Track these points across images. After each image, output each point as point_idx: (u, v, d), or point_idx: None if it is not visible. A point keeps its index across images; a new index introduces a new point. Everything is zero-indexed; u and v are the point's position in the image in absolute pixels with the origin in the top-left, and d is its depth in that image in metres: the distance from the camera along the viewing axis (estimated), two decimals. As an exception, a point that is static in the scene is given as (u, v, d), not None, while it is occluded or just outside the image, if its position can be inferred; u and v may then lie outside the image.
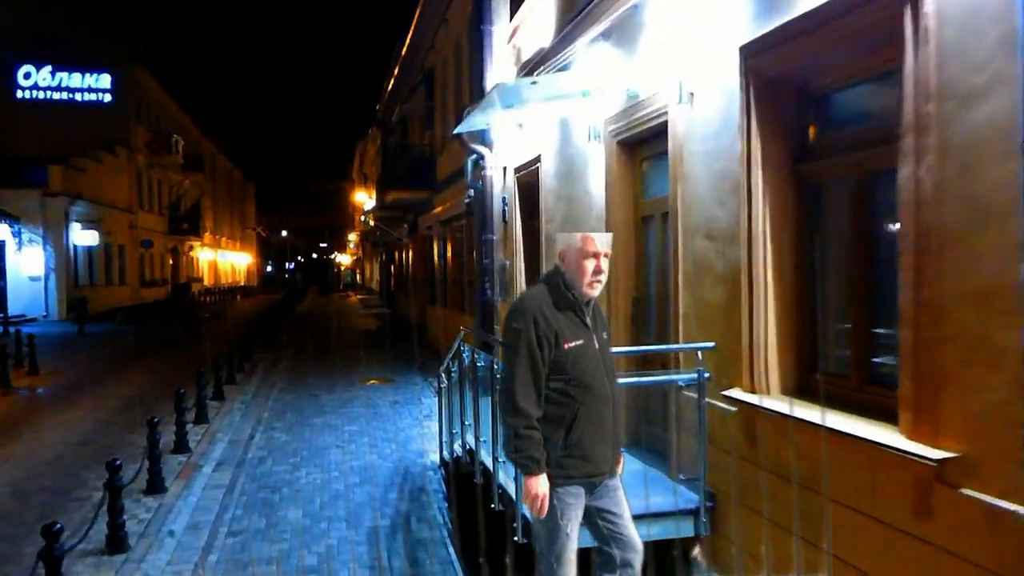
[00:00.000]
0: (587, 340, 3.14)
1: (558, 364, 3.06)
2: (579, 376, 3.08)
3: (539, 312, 3.08)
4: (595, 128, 6.50)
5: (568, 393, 3.07)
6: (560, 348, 3.05)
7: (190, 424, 9.43)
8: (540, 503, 3.03)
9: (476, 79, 11.55)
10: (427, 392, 11.49)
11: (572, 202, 7.27)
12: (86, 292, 26.30)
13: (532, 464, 3.01)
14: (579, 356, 3.09)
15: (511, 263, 9.74)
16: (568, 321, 3.12)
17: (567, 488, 3.09)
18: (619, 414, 3.29)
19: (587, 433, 3.09)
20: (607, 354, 3.30)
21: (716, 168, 4.54)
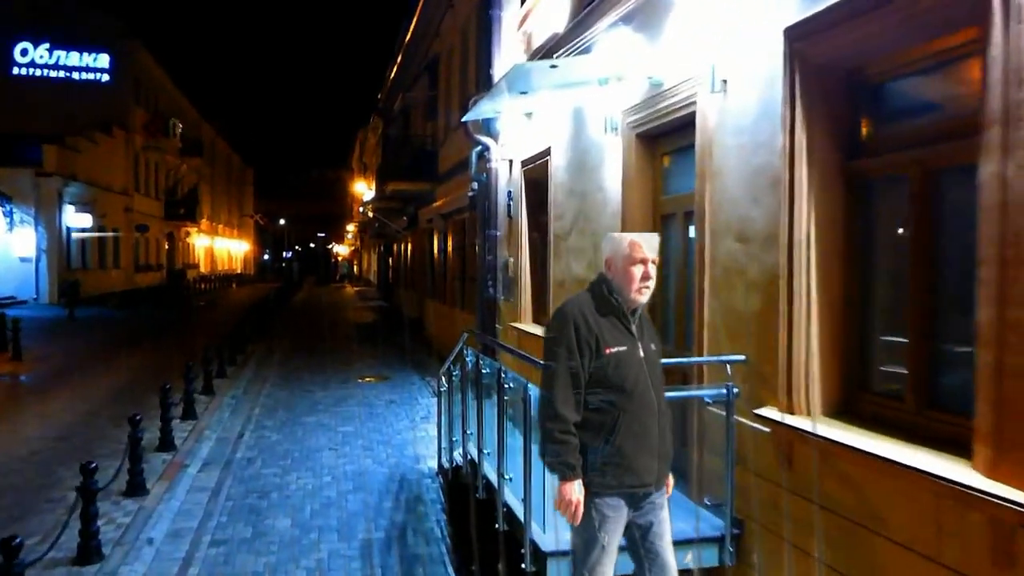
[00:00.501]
0: (631, 347, 3.04)
1: (599, 370, 2.97)
2: (620, 383, 2.98)
3: (580, 316, 3.01)
4: (612, 119, 6.09)
5: (608, 399, 2.97)
6: (601, 353, 2.96)
7: (177, 420, 9.03)
8: (574, 510, 2.92)
9: (483, 68, 11.11)
10: (424, 392, 11.09)
11: (585, 198, 6.86)
12: (78, 276, 25.85)
13: (567, 470, 2.91)
14: (620, 362, 3.00)
15: (515, 261, 9.33)
16: (611, 327, 3.03)
17: (605, 499, 2.98)
18: (668, 427, 3.14)
19: (628, 442, 2.98)
20: (655, 365, 3.16)
21: (752, 163, 4.13)
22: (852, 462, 3.31)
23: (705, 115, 4.61)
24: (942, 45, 3.10)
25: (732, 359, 4.18)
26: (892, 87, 3.55)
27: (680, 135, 5.26)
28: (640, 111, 5.56)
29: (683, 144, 5.25)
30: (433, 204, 15.93)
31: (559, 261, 7.59)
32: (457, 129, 13.82)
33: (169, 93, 40.26)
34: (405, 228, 21.88)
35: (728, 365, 4.15)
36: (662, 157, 5.67)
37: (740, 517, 4.12)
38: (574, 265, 7.14)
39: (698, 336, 4.67)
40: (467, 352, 6.07)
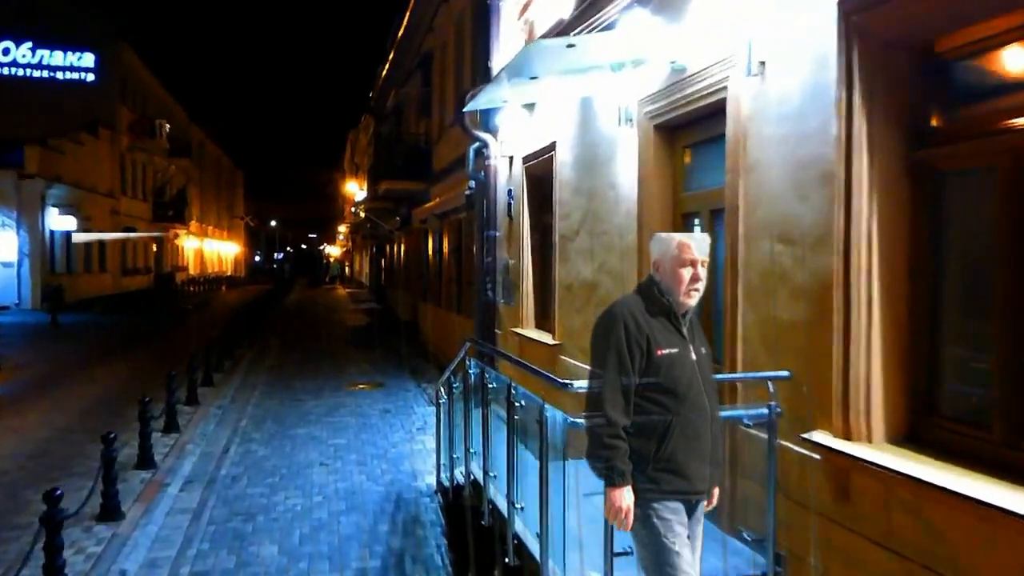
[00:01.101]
0: (683, 349, 2.92)
1: (650, 372, 2.85)
2: (673, 385, 2.86)
3: (630, 317, 2.89)
4: (626, 110, 5.61)
5: (661, 403, 2.86)
6: (652, 355, 2.85)
7: (159, 433, 8.51)
8: (623, 517, 2.80)
9: (480, 61, 10.63)
10: (420, 400, 10.59)
11: (594, 196, 6.38)
12: (63, 280, 25.20)
13: (616, 475, 2.79)
14: (673, 364, 2.88)
15: (516, 263, 8.85)
16: (662, 328, 2.92)
17: (664, 503, 2.86)
18: (719, 433, 3.02)
19: (681, 446, 2.86)
20: (707, 369, 3.02)
21: (797, 155, 3.66)
22: (924, 497, 2.85)
23: (738, 102, 4.14)
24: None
25: (774, 375, 3.70)
26: (970, 65, 3.08)
27: (706, 125, 4.79)
28: (659, 100, 5.08)
29: (709, 135, 4.78)
30: (427, 204, 15.43)
31: (565, 264, 7.11)
32: (452, 126, 13.33)
33: (157, 94, 39.58)
34: (398, 229, 21.36)
35: (770, 383, 3.67)
36: (683, 150, 5.20)
37: (784, 553, 3.65)
38: (582, 268, 6.66)
39: (729, 349, 4.20)
40: (470, 363, 5.57)
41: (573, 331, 6.91)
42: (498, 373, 4.94)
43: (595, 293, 6.35)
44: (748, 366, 4.04)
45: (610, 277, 6.03)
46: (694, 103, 4.67)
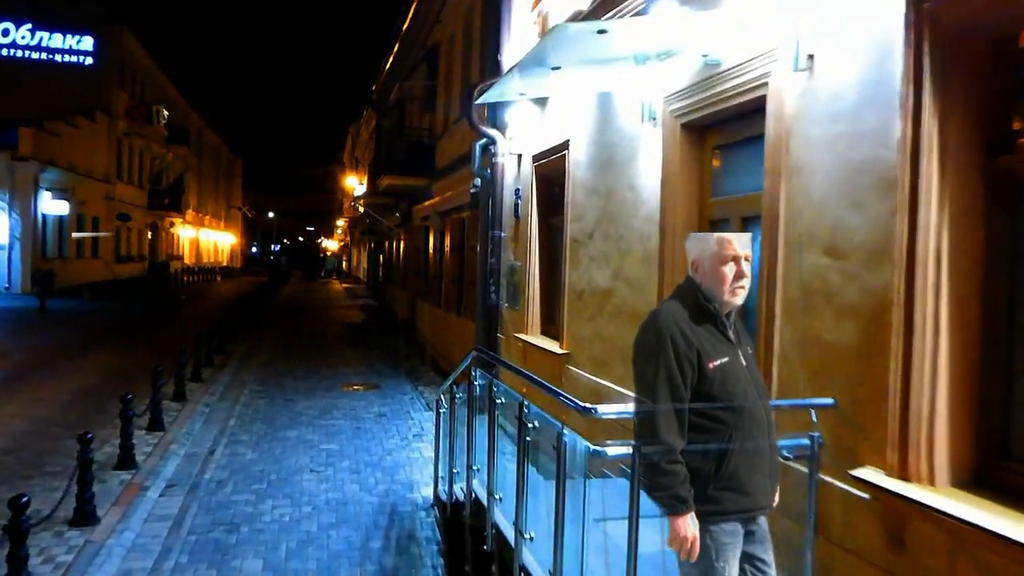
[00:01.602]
0: (732, 357, 2.72)
1: (703, 387, 2.65)
2: (728, 398, 2.66)
3: (676, 329, 2.65)
4: (650, 107, 5.25)
5: (718, 418, 2.65)
6: (704, 368, 2.64)
7: (142, 431, 8.12)
8: (689, 546, 2.59)
9: (490, 54, 10.25)
10: (417, 404, 10.21)
11: (611, 198, 6.02)
12: (55, 265, 24.75)
13: (679, 504, 2.58)
14: (726, 375, 2.67)
15: (523, 265, 8.48)
16: (710, 336, 2.70)
17: (721, 526, 2.67)
18: (775, 438, 2.82)
19: (743, 462, 2.67)
20: (755, 370, 2.84)
21: (850, 159, 3.30)
22: (997, 552, 2.50)
23: (781, 99, 3.77)
24: None
25: (817, 402, 3.35)
26: (1063, 61, 2.73)
27: (740, 125, 4.43)
28: (687, 97, 4.72)
29: (744, 136, 4.43)
30: (429, 201, 15.05)
31: (577, 268, 6.74)
32: (458, 122, 12.95)
33: (156, 80, 39.07)
34: (398, 225, 20.97)
35: (812, 410, 3.31)
36: (713, 152, 4.83)
37: (822, 601, 3.29)
38: (596, 273, 6.30)
39: (763, 370, 3.83)
40: (476, 374, 5.20)
41: (583, 340, 6.54)
42: (508, 387, 4.56)
43: (609, 301, 5.98)
44: (785, 389, 3.67)
45: (627, 285, 5.66)
46: (728, 100, 4.31)
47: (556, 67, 4.49)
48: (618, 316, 5.82)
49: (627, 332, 5.65)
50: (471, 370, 5.34)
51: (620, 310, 5.80)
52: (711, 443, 2.64)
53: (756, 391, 2.74)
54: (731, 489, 2.67)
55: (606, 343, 6.06)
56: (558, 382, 6.92)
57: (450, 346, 12.50)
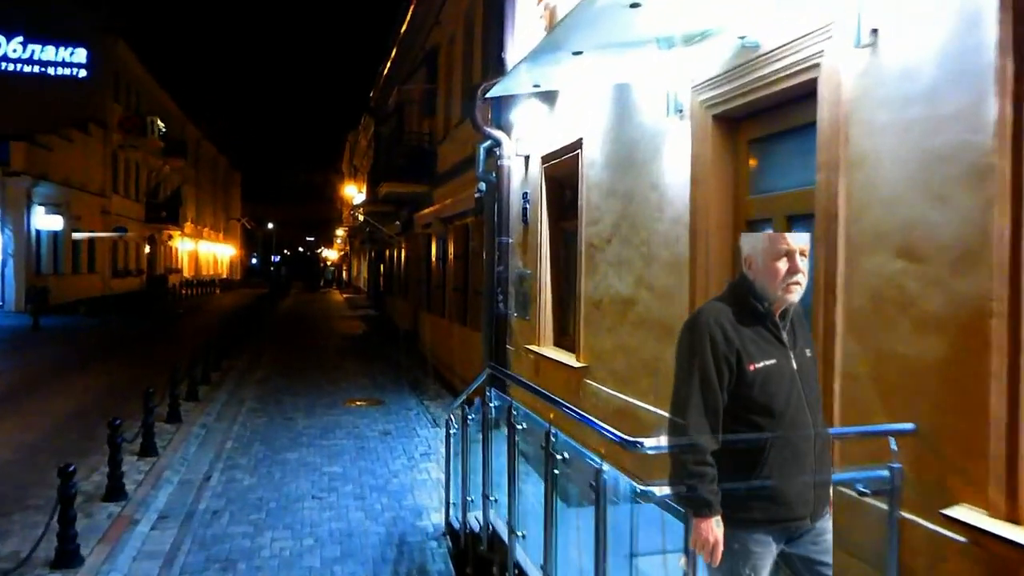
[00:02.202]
0: (781, 360, 2.58)
1: (742, 389, 2.54)
2: (768, 402, 2.54)
3: (717, 328, 2.56)
4: (675, 98, 4.81)
5: (755, 423, 2.54)
6: (744, 371, 2.53)
7: (133, 457, 7.66)
8: (711, 549, 2.50)
9: (493, 53, 9.85)
10: (423, 421, 9.74)
11: (631, 200, 5.56)
12: (49, 281, 24.32)
13: (703, 507, 2.49)
14: (768, 379, 2.55)
15: (533, 273, 8.02)
16: (756, 337, 2.58)
17: (750, 535, 2.56)
18: (826, 447, 2.67)
19: (778, 470, 2.54)
20: (809, 374, 2.66)
21: (929, 146, 2.85)
22: None
23: (837, 81, 3.32)
24: None
25: (894, 428, 2.89)
26: None
27: (784, 114, 3.98)
28: (720, 85, 4.28)
29: (789, 126, 3.98)
30: (431, 207, 14.60)
31: (594, 276, 6.29)
32: (460, 125, 12.53)
33: (151, 92, 38.70)
34: (398, 233, 20.52)
35: (892, 438, 2.85)
36: (749, 145, 4.38)
37: (909, 662, 2.83)
38: (615, 281, 5.84)
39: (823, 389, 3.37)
40: (491, 394, 4.74)
41: (602, 353, 6.08)
42: (529, 411, 4.10)
43: (631, 310, 5.53)
44: (851, 412, 3.22)
45: (652, 293, 5.20)
46: (769, 87, 3.87)
47: (578, 52, 4.06)
48: (642, 326, 5.36)
49: (652, 344, 5.20)
50: (485, 389, 4.87)
51: (644, 320, 5.34)
52: (747, 447, 2.53)
53: (804, 398, 2.58)
54: (763, 497, 2.56)
55: (629, 356, 5.60)
56: (575, 397, 6.47)
57: (455, 358, 12.04)
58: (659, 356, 5.08)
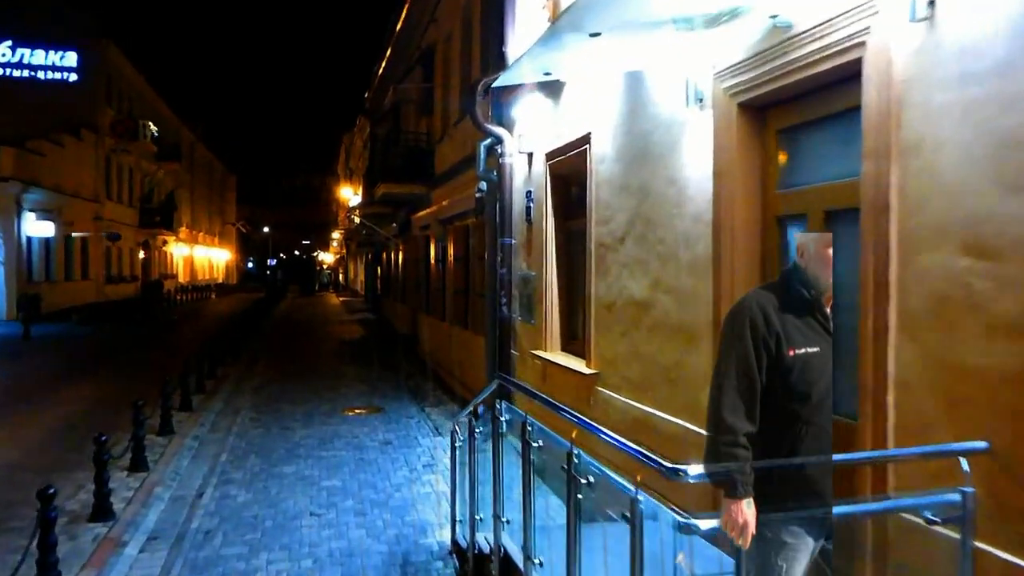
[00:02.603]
0: (824, 348, 2.57)
1: (781, 374, 2.54)
2: (806, 389, 2.54)
3: (759, 312, 2.57)
4: (696, 86, 4.49)
5: (791, 410, 2.54)
6: (783, 355, 2.53)
7: (123, 473, 7.32)
8: (741, 531, 2.43)
9: (493, 48, 9.52)
10: (424, 429, 9.40)
11: (646, 196, 5.24)
12: (41, 288, 23.91)
13: (734, 488, 2.45)
14: (808, 366, 2.54)
15: (538, 275, 7.70)
16: (800, 324, 2.57)
17: (784, 524, 2.54)
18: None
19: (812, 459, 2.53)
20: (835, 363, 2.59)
21: (1000, 128, 2.54)
22: None
23: (887, 60, 3.00)
24: None
25: (965, 448, 2.57)
26: None
27: (819, 100, 3.66)
28: (746, 70, 3.96)
29: (824, 112, 3.66)
30: (429, 208, 14.27)
31: (605, 277, 5.96)
32: (458, 123, 12.20)
33: (144, 95, 38.29)
34: (396, 235, 20.18)
35: (963, 459, 2.53)
36: (778, 135, 4.06)
37: None
38: (629, 283, 5.51)
39: (872, 401, 3.05)
40: (501, 407, 4.40)
41: (616, 359, 5.75)
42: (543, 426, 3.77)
43: (648, 314, 5.20)
44: (908, 427, 2.89)
45: (670, 296, 4.87)
46: (803, 71, 3.55)
47: (595, 33, 3.73)
48: (659, 331, 5.04)
49: (672, 350, 4.88)
50: (494, 401, 4.53)
51: (662, 324, 5.02)
52: (782, 433, 2.54)
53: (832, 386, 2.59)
54: (798, 488, 2.56)
55: (645, 362, 5.27)
56: (585, 406, 6.15)
57: (456, 362, 11.70)
58: (679, 363, 4.76)
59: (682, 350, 4.73)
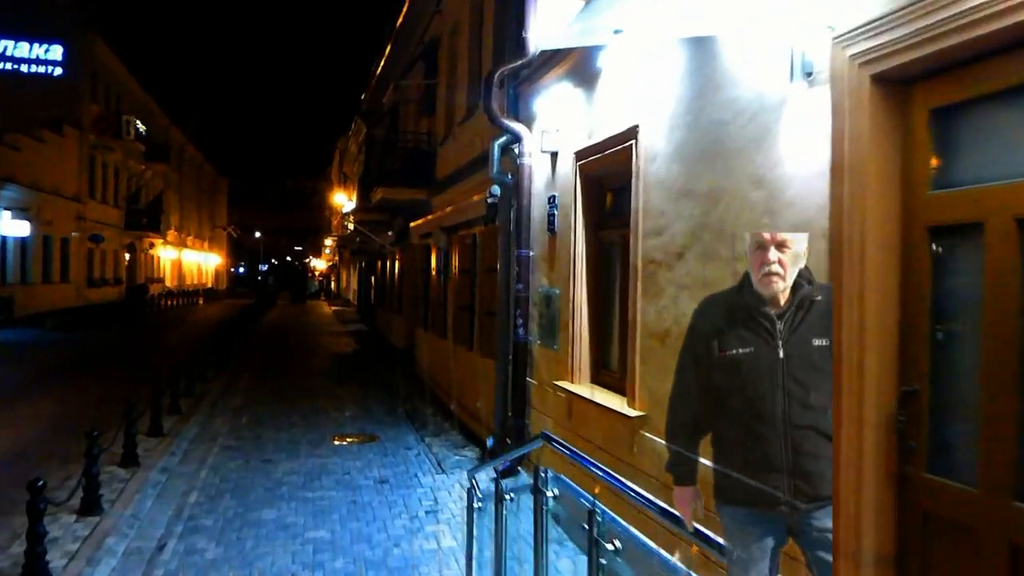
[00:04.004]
0: (761, 348, 2.58)
1: (714, 374, 2.68)
2: (739, 389, 2.62)
3: (700, 316, 2.86)
4: (803, 56, 3.44)
5: (730, 407, 2.65)
6: (714, 356, 2.66)
7: (71, 517, 6.20)
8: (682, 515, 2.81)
9: (511, 34, 8.47)
10: (424, 464, 8.28)
11: (717, 202, 4.19)
12: (16, 291, 22.69)
13: (676, 478, 2.86)
14: (739, 365, 2.61)
15: (563, 293, 6.64)
16: (738, 325, 2.64)
17: (731, 513, 2.71)
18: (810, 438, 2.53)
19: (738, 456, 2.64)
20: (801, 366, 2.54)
21: None
22: None
23: None
24: None
25: None
26: None
27: (999, 66, 2.62)
28: (888, 29, 2.93)
29: (1006, 84, 2.62)
30: (430, 215, 13.20)
31: (656, 300, 4.90)
32: (465, 122, 11.16)
33: (133, 93, 37.09)
34: (392, 243, 19.08)
35: None
36: (931, 116, 3.01)
37: None
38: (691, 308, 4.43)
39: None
40: (546, 476, 3.31)
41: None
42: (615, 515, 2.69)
43: (721, 349, 4.12)
44: None
45: (759, 327, 3.80)
46: (974, 28, 2.53)
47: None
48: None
49: (755, 396, 3.81)
50: (538, 472, 3.43)
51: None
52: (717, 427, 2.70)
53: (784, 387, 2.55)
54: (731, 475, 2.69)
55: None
56: (626, 452, 5.08)
57: (458, 385, 10.60)
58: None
59: (773, 399, 3.66)
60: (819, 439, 2.56)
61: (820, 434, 2.56)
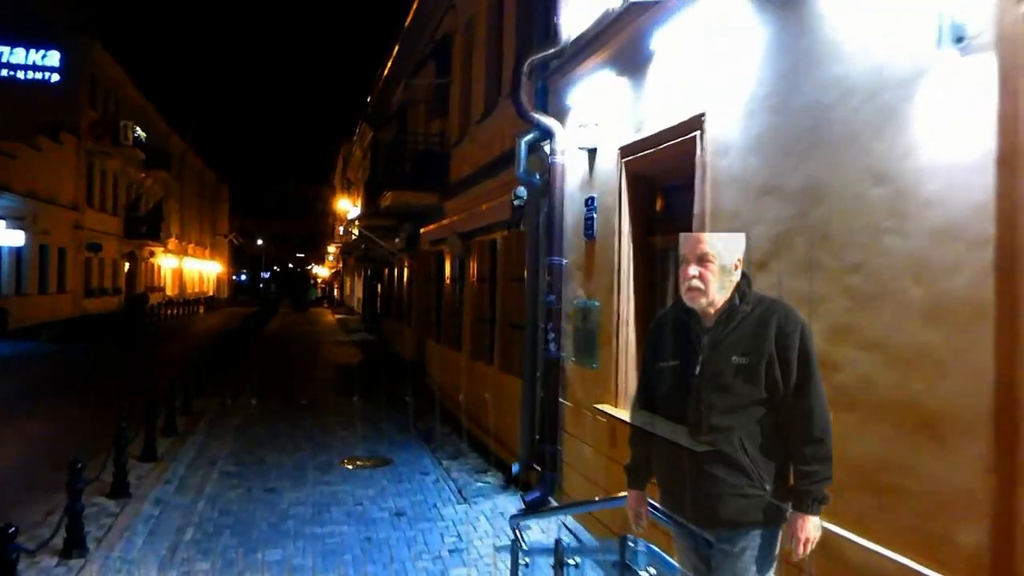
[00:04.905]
0: (685, 360, 2.67)
1: (654, 385, 2.82)
2: (664, 400, 2.73)
3: (657, 324, 2.92)
4: (952, 18, 2.74)
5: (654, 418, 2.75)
6: (654, 367, 2.83)
7: (52, 561, 5.49)
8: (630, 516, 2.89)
9: (539, 21, 7.81)
10: (445, 493, 7.55)
11: (819, 201, 3.48)
12: (10, 303, 21.98)
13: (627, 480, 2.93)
14: (663, 376, 2.75)
15: (603, 306, 5.93)
16: (676, 337, 2.73)
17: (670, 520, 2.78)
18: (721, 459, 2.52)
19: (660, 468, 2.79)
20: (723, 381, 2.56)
21: None
22: None
23: None
24: None
25: None
26: None
27: None
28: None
29: None
30: (442, 220, 12.49)
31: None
32: (482, 121, 10.48)
33: (132, 100, 36.44)
34: (401, 250, 18.37)
35: None
36: None
37: None
38: (782, 328, 3.72)
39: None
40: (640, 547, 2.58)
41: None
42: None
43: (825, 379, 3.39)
44: None
45: (878, 355, 3.11)
46: None
47: None
48: (851, 407, 3.24)
49: (876, 438, 3.11)
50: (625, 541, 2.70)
51: (855, 397, 3.23)
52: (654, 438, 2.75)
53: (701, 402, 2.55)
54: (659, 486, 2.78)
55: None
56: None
57: (475, 402, 9.87)
58: (899, 463, 2.98)
59: (907, 443, 2.95)
60: (720, 462, 2.51)
61: (722, 456, 2.51)
